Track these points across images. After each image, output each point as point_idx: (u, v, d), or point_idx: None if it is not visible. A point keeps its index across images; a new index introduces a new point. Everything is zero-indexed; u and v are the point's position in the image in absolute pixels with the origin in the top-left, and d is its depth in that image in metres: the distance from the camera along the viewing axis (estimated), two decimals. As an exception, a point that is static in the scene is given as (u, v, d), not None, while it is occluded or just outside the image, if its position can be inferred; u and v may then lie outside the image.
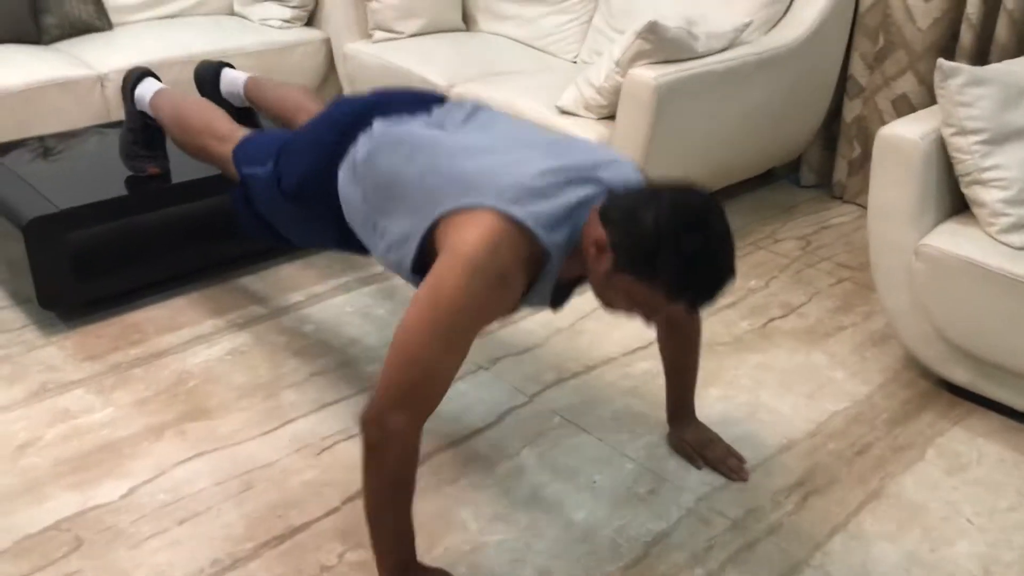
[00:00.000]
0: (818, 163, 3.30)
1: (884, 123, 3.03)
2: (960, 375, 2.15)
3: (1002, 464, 2.00)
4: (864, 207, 3.16)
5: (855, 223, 3.07)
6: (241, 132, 2.11)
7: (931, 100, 2.94)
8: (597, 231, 1.47)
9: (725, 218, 1.45)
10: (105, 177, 2.43)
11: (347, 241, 1.87)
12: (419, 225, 1.57)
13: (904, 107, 2.97)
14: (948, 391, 2.21)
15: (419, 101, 1.86)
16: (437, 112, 1.83)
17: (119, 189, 2.38)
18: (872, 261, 2.23)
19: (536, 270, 1.54)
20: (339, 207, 1.81)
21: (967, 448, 2.04)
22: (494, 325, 2.40)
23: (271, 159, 1.94)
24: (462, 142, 1.66)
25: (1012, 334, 2.00)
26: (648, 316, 1.52)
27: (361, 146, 1.76)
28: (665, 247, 1.39)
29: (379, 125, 1.77)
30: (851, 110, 3.10)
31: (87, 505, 1.81)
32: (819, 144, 3.26)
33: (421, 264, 1.59)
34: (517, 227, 1.47)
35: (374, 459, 1.48)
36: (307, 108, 2.26)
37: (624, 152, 2.62)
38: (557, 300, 1.68)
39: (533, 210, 1.48)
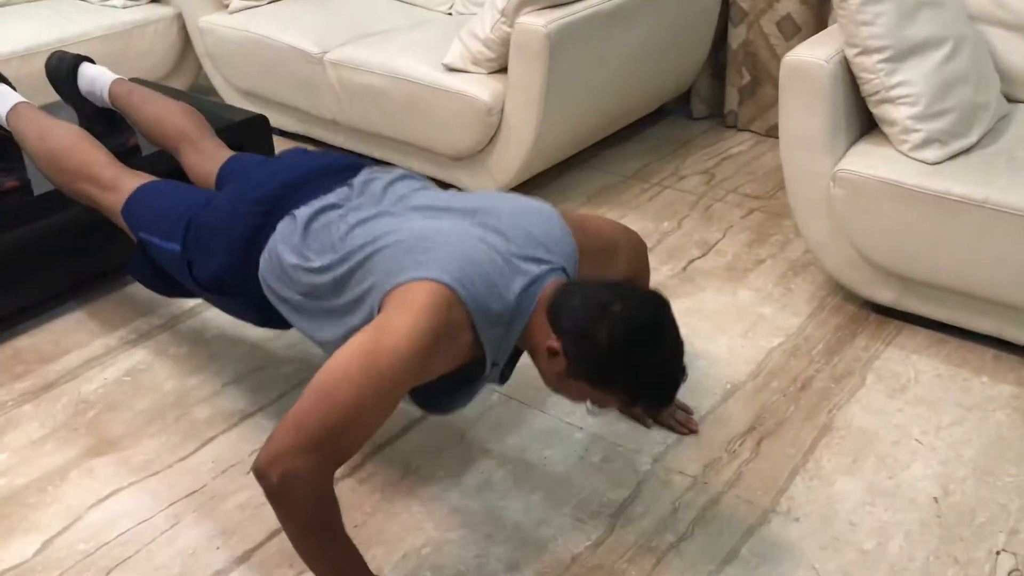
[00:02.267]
0: (708, 93, 3.26)
1: (770, 47, 3.01)
2: (886, 295, 2.15)
3: (939, 379, 2.01)
4: (759, 133, 3.15)
5: (753, 151, 3.06)
6: (127, 180, 1.88)
7: (815, 19, 2.92)
8: (548, 337, 1.42)
9: (675, 321, 1.44)
10: (-45, 196, 2.17)
11: (270, 321, 1.72)
12: (361, 318, 1.46)
13: (789, 28, 2.95)
14: (875, 312, 2.22)
15: (334, 172, 1.70)
16: (357, 183, 1.67)
17: (-26, 209, 2.13)
18: (788, 190, 2.20)
19: (474, 354, 1.46)
20: (261, 294, 1.65)
21: (903, 367, 2.05)
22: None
23: (176, 237, 1.74)
24: (395, 219, 1.54)
25: (933, 249, 2.00)
26: (601, 408, 1.50)
27: (284, 240, 1.59)
28: (621, 365, 1.38)
29: (300, 211, 1.61)
30: (736, 36, 3.06)
31: (-4, 570, 1.62)
32: (707, 74, 3.22)
33: None
34: (462, 306, 1.39)
35: (283, 508, 1.34)
36: (192, 139, 2.02)
37: (521, 104, 2.51)
38: (502, 374, 1.59)
39: (476, 296, 1.40)
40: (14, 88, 2.18)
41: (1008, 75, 2.24)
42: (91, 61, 2.28)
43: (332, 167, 1.73)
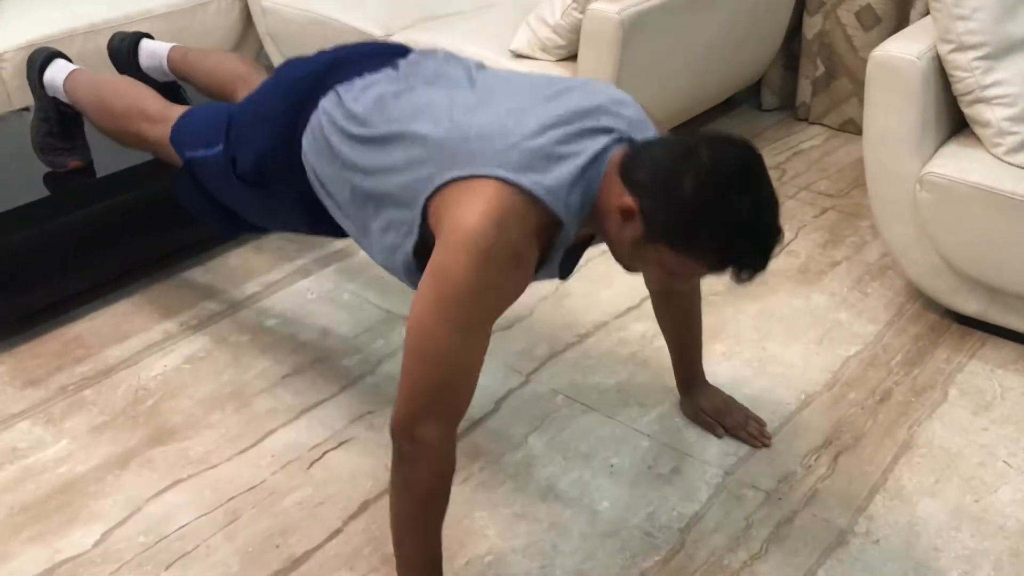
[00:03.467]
0: (779, 85, 3.15)
1: (847, 37, 2.89)
2: (971, 306, 2.05)
3: (1026, 396, 1.92)
4: (832, 127, 3.04)
5: (826, 145, 2.95)
6: (176, 110, 1.85)
7: (896, 10, 2.80)
8: (621, 196, 1.28)
9: (766, 169, 1.27)
10: (20, 176, 2.15)
11: (321, 223, 1.64)
12: (414, 202, 1.36)
13: (869, 18, 2.83)
14: (957, 322, 2.12)
15: (380, 54, 1.63)
16: (404, 65, 1.59)
17: (39, 190, 2.11)
18: (870, 192, 2.10)
19: (547, 240, 1.35)
20: (308, 186, 1.58)
21: (988, 383, 1.95)
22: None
23: (219, 139, 1.69)
24: (444, 99, 1.43)
25: (1026, 259, 1.90)
26: (684, 282, 1.37)
27: (326, 114, 1.53)
28: (709, 216, 1.21)
29: (343, 88, 1.54)
30: (811, 26, 2.95)
31: (56, 559, 1.60)
32: (779, 65, 3.11)
33: (423, 250, 1.37)
34: (524, 196, 1.28)
35: (406, 474, 1.32)
36: (245, 77, 2.00)
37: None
38: (565, 267, 1.49)
39: (540, 176, 1.29)
40: (68, 59, 2.15)
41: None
42: (151, 37, 2.25)
43: (379, 49, 1.66)
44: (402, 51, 1.65)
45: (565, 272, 1.50)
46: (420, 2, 2.98)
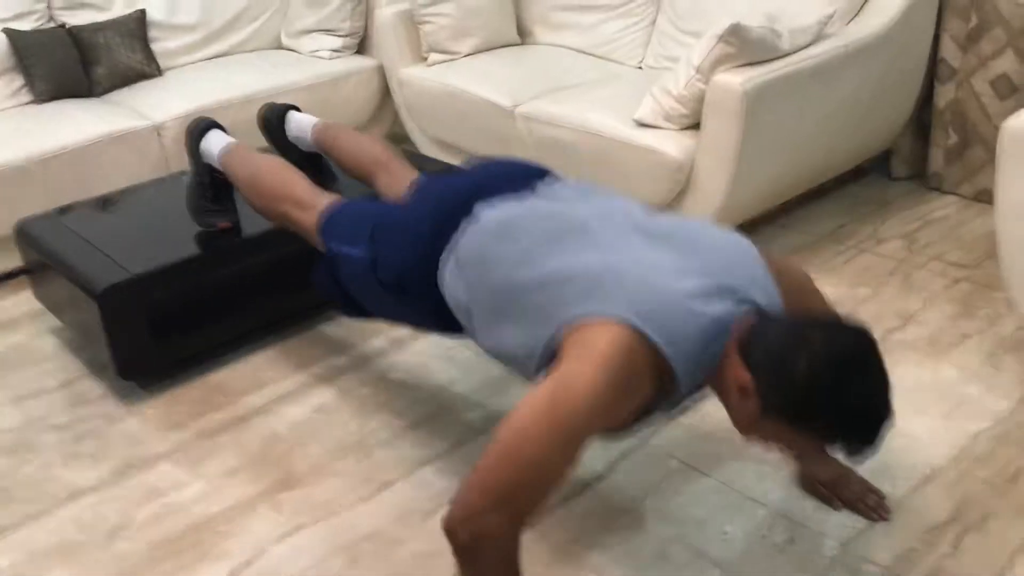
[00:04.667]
0: (910, 153, 3.09)
1: (982, 106, 2.83)
2: (1113, 383, 1.96)
3: None
4: (966, 197, 2.96)
5: (959, 216, 2.87)
6: (324, 199, 1.97)
7: (1035, 78, 2.73)
8: (740, 372, 1.34)
9: (880, 354, 1.32)
10: (174, 235, 2.33)
11: (447, 327, 1.73)
12: (540, 334, 1.42)
13: (1004, 88, 2.76)
14: (1099, 401, 2.02)
15: (519, 176, 1.72)
16: (542, 189, 1.68)
17: (191, 248, 2.28)
18: (1003, 262, 2.04)
19: (661, 387, 1.40)
20: (441, 298, 1.67)
21: None
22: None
23: (363, 240, 1.79)
24: (579, 233, 1.51)
25: None
26: (797, 455, 1.40)
27: (466, 237, 1.61)
28: (821, 400, 1.28)
29: (485, 213, 1.62)
30: (944, 95, 2.90)
31: (187, 594, 1.71)
32: (910, 133, 3.06)
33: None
34: (649, 344, 1.34)
35: (471, 565, 1.33)
36: (388, 167, 2.12)
37: (715, 162, 2.46)
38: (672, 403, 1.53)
39: (668, 330, 1.34)
40: (224, 129, 2.33)
41: None
42: (298, 109, 2.42)
43: (519, 171, 1.74)
44: (541, 172, 1.75)
45: (671, 407, 1.54)
46: (547, 73, 3.09)
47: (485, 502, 1.29)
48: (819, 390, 1.27)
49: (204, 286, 2.31)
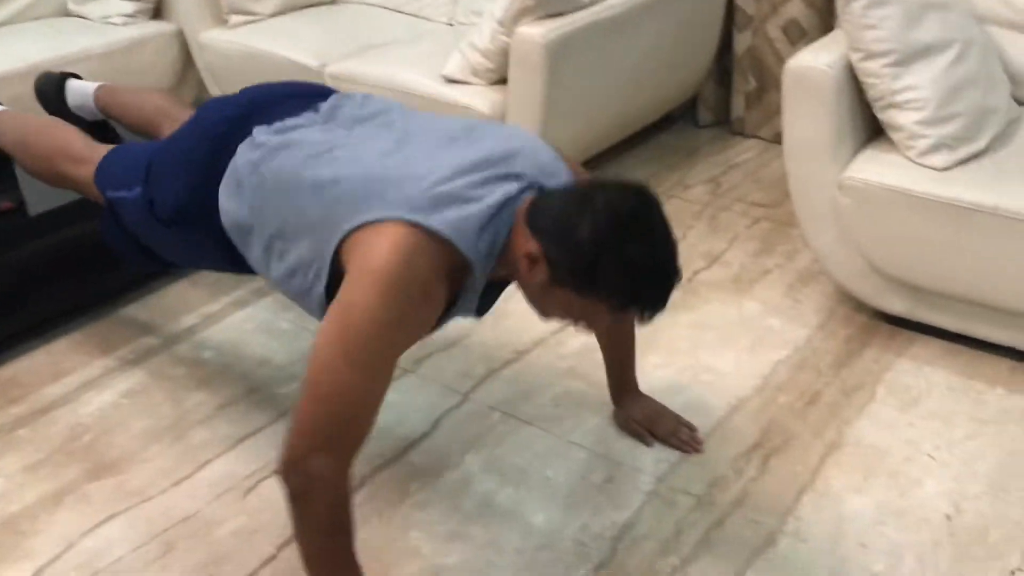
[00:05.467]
0: (714, 100, 3.21)
1: (776, 52, 2.96)
2: (897, 305, 2.10)
3: (951, 392, 1.96)
4: (766, 139, 3.10)
5: (760, 159, 3.00)
6: (101, 150, 1.86)
7: (822, 23, 2.87)
8: (527, 242, 1.32)
9: (664, 215, 1.32)
10: (-51, 219, 2.15)
11: (237, 263, 1.66)
12: (324, 246, 1.38)
13: (795, 33, 2.90)
14: (886, 322, 2.16)
15: (301, 96, 1.65)
16: (324, 108, 1.61)
17: (-32, 231, 2.11)
18: (793, 199, 2.15)
19: (458, 282, 1.38)
20: (222, 229, 1.60)
21: (915, 380, 1.99)
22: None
23: (138, 181, 1.70)
24: (359, 143, 1.47)
25: (944, 257, 1.95)
26: (590, 326, 1.41)
27: (242, 157, 1.54)
28: (606, 260, 1.26)
29: (260, 131, 1.56)
30: (742, 42, 3.01)
31: (-13, 600, 1.60)
32: (713, 81, 3.17)
33: (333, 291, 1.38)
34: (434, 238, 1.31)
35: (301, 510, 1.31)
36: (170, 114, 2.02)
37: (523, 115, 2.47)
38: (482, 306, 1.52)
39: (450, 217, 1.31)
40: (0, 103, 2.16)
41: (1018, 78, 2.19)
42: (78, 77, 2.26)
43: (300, 91, 1.68)
44: (324, 92, 1.68)
45: (482, 310, 1.53)
46: (355, 33, 3.02)
47: (307, 443, 1.27)
48: (603, 250, 1.26)
49: (-12, 273, 2.14)
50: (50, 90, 2.23)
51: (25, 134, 1.97)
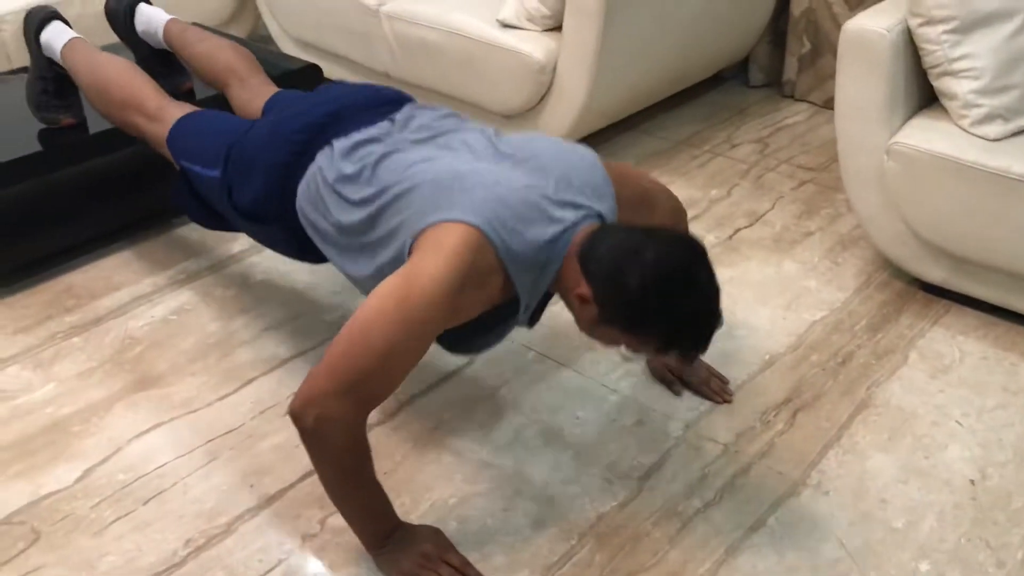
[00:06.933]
0: (767, 61, 3.19)
1: (833, 16, 2.93)
2: (935, 273, 2.11)
3: (984, 362, 1.97)
4: (817, 104, 3.08)
5: (809, 122, 2.99)
6: (172, 110, 1.91)
7: (881, -12, 2.83)
8: (579, 282, 1.40)
9: (710, 266, 1.40)
10: (16, 132, 2.22)
11: (308, 254, 1.73)
12: (402, 249, 1.44)
13: (854, -3, 2.87)
14: (923, 290, 2.17)
15: (376, 105, 1.70)
16: (399, 119, 1.66)
17: (33, 144, 2.18)
18: (841, 162, 2.15)
19: (507, 294, 1.45)
20: (298, 224, 1.66)
21: (948, 348, 2.01)
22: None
23: (216, 163, 1.76)
24: (434, 159, 1.52)
25: (989, 229, 1.95)
26: (636, 354, 1.47)
27: (321, 169, 1.60)
28: (653, 310, 1.35)
29: (340, 144, 1.61)
30: (799, 4, 2.98)
31: (39, 494, 1.68)
32: (767, 41, 3.15)
33: None
34: (493, 250, 1.38)
35: (316, 449, 1.37)
36: (240, 74, 2.05)
37: (575, 64, 2.48)
38: (531, 318, 1.58)
39: (509, 245, 1.39)
40: (70, 26, 2.21)
41: (1080, 53, 2.16)
42: (148, 2, 2.31)
43: (376, 100, 1.72)
44: (398, 99, 1.73)
45: (531, 321, 1.59)
46: (413, -28, 3.02)
47: (332, 386, 1.32)
48: (650, 303, 1.34)
49: (49, 185, 2.21)
50: (120, 10, 2.26)
51: (98, 77, 2.02)
